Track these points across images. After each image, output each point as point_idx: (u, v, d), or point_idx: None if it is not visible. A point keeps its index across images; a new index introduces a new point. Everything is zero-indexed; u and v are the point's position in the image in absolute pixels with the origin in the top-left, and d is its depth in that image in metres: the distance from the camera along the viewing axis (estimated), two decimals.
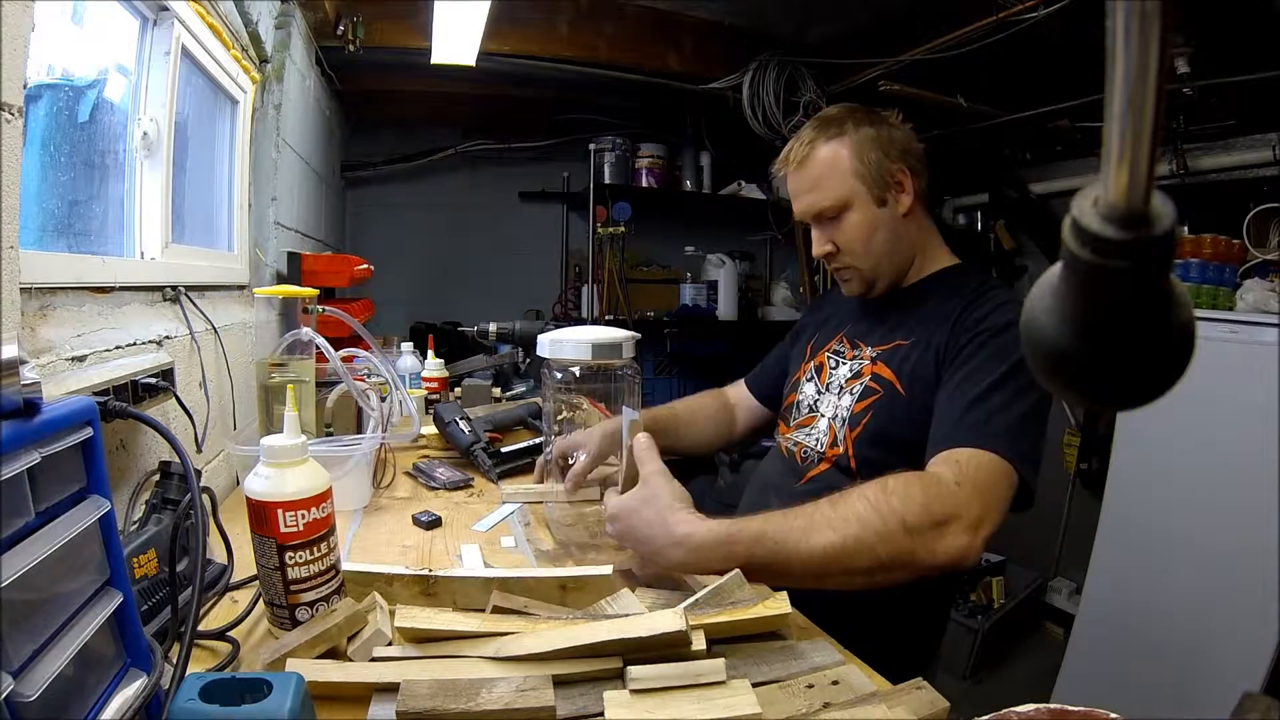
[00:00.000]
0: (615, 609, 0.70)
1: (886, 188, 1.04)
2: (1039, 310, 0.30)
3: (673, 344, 3.37)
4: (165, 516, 0.73)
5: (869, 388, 1.03)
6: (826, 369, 1.12)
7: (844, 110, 1.08)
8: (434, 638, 0.64)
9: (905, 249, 1.08)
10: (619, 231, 2.98)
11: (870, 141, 1.04)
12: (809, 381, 1.15)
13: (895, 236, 1.06)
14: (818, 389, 1.12)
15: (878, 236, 1.05)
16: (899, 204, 1.05)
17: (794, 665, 0.63)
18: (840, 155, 1.04)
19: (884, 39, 2.28)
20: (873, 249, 1.06)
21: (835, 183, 1.04)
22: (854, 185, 1.04)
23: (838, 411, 1.06)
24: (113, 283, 0.94)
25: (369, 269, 1.99)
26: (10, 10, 0.59)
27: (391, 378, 1.24)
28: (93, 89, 1.02)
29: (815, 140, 1.06)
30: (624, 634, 0.59)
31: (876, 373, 1.03)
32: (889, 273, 1.08)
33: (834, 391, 1.09)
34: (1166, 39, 0.22)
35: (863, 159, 1.03)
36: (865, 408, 1.02)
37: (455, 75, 2.32)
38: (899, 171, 1.05)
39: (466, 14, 1.83)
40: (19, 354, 0.41)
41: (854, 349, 1.10)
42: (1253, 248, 2.09)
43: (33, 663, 0.42)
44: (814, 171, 1.06)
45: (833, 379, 1.10)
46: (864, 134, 1.04)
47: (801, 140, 1.07)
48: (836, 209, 1.05)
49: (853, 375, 1.07)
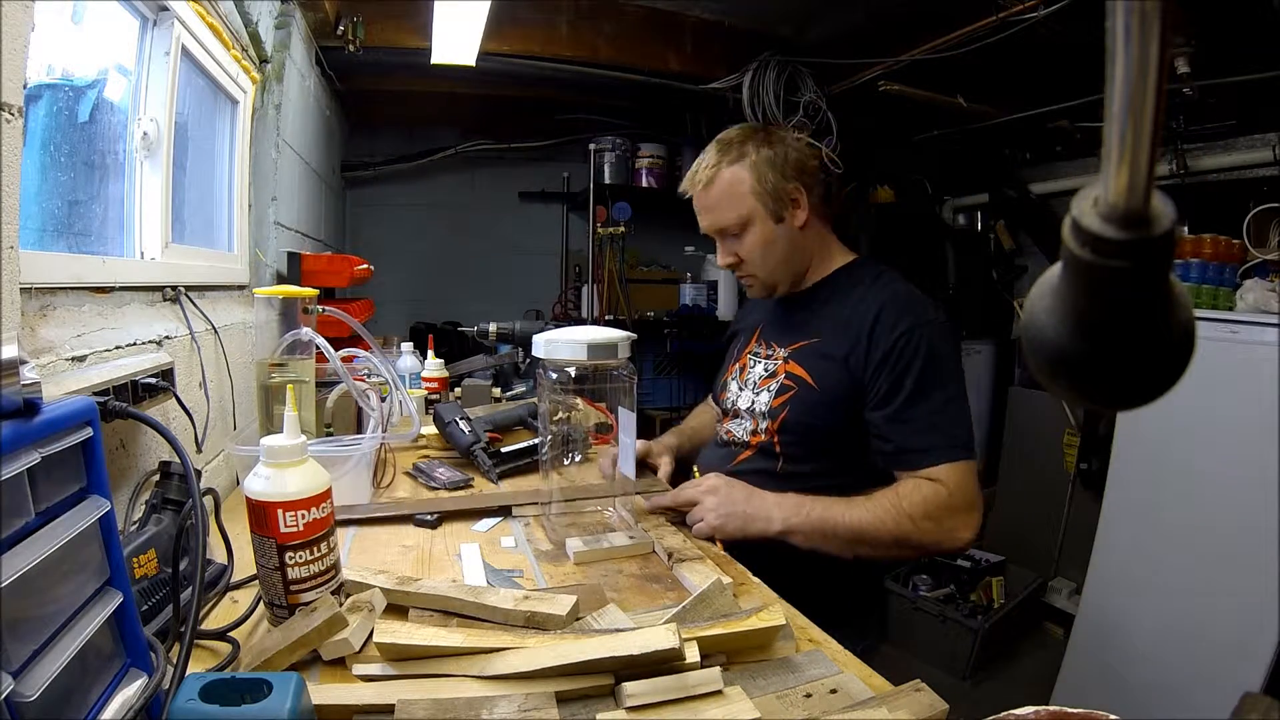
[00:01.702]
0: (602, 624, 0.69)
1: (783, 205, 1.16)
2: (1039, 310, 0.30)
3: (673, 344, 3.38)
4: (165, 516, 0.73)
5: (784, 385, 1.17)
6: (747, 368, 1.26)
7: (744, 133, 1.19)
8: (415, 655, 0.62)
9: (801, 257, 1.21)
10: (619, 231, 2.98)
11: (768, 164, 1.15)
12: (733, 380, 1.29)
13: (792, 247, 1.19)
14: (739, 386, 1.26)
15: (775, 249, 1.18)
16: (794, 218, 1.17)
17: (790, 678, 0.62)
18: (741, 178, 1.15)
19: (884, 39, 2.28)
20: (771, 260, 1.19)
21: (737, 202, 1.16)
22: (753, 205, 1.16)
23: (756, 405, 1.20)
24: (113, 283, 0.94)
25: (369, 269, 1.99)
26: (10, 10, 0.59)
27: (391, 378, 1.24)
28: (93, 89, 1.03)
29: (719, 164, 1.16)
30: (615, 651, 0.57)
31: (790, 370, 1.17)
32: (786, 278, 1.22)
33: (751, 388, 1.23)
34: (1166, 39, 0.22)
35: (761, 181, 1.15)
36: (783, 403, 1.16)
37: (455, 75, 2.33)
38: (794, 190, 1.16)
39: (466, 14, 1.83)
40: (19, 354, 0.41)
41: (769, 349, 1.24)
42: (1253, 248, 2.08)
43: (33, 663, 0.42)
44: (717, 192, 1.17)
45: (750, 376, 1.24)
46: (763, 156, 1.15)
47: (706, 163, 1.18)
48: (738, 226, 1.17)
49: (768, 374, 1.21)
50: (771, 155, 1.15)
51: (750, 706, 0.56)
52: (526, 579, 0.87)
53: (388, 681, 0.60)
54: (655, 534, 0.97)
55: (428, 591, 0.74)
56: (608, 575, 0.88)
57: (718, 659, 0.63)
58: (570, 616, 0.70)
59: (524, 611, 0.70)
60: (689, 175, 1.21)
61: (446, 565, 0.90)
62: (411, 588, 0.75)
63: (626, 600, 0.80)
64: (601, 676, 0.59)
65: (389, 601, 0.74)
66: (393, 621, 0.66)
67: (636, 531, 0.98)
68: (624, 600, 0.79)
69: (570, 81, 2.57)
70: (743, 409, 1.23)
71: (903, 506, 1.00)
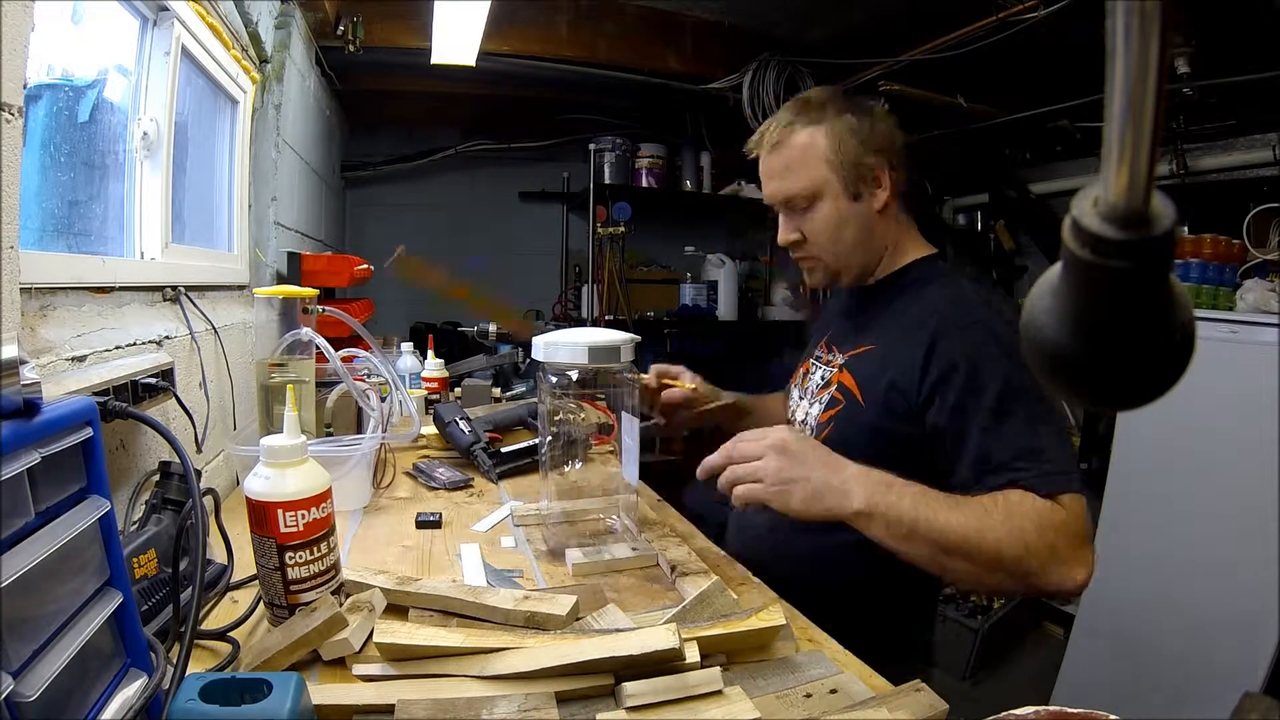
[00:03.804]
0: (601, 624, 0.68)
1: (862, 181, 1.00)
2: (1039, 310, 0.30)
3: (673, 344, 3.37)
4: (165, 516, 0.73)
5: (834, 398, 1.02)
6: (809, 374, 1.13)
7: (826, 94, 1.04)
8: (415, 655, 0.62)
9: (875, 245, 1.04)
10: (619, 231, 2.98)
11: (850, 131, 0.99)
12: (795, 387, 1.16)
13: (866, 232, 1.02)
14: (800, 394, 1.13)
15: (847, 230, 1.02)
16: (874, 199, 1.01)
17: (790, 678, 0.62)
18: (816, 142, 1.00)
19: (884, 39, 2.28)
20: (840, 243, 1.03)
21: (808, 170, 1.00)
22: (827, 175, 1.00)
23: (809, 418, 1.06)
24: (113, 283, 0.94)
25: (369, 269, 1.99)
26: (10, 10, 0.59)
27: (391, 378, 1.24)
28: (93, 89, 1.02)
29: (793, 124, 1.01)
30: (615, 652, 0.57)
31: (842, 381, 1.02)
32: (854, 268, 1.05)
33: (809, 399, 1.09)
34: (1166, 39, 0.22)
35: (839, 149, 0.99)
36: (829, 418, 1.01)
37: (455, 75, 2.32)
38: (877, 166, 1.00)
39: (466, 14, 1.83)
40: (19, 354, 0.41)
41: (830, 354, 1.09)
42: (1253, 248, 2.08)
43: (33, 663, 0.42)
44: (787, 156, 1.01)
45: (810, 383, 1.10)
46: (844, 122, 0.99)
47: (778, 122, 1.02)
48: (807, 198, 1.01)
49: (823, 384, 1.06)
50: (855, 123, 0.99)
51: (750, 706, 0.56)
52: (526, 579, 0.87)
53: (387, 681, 0.60)
54: (659, 545, 0.96)
55: (428, 592, 0.74)
56: (609, 575, 0.88)
57: (717, 659, 0.63)
58: (570, 617, 0.70)
59: (524, 612, 0.70)
60: (757, 134, 1.05)
61: (446, 565, 0.90)
62: (411, 588, 0.75)
63: (627, 601, 0.80)
64: (601, 677, 0.59)
65: (389, 601, 0.74)
66: (393, 621, 0.66)
67: (639, 542, 0.96)
68: (624, 601, 0.79)
69: (570, 81, 2.57)
70: (798, 421, 1.09)
71: (1015, 522, 0.78)
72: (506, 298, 3.33)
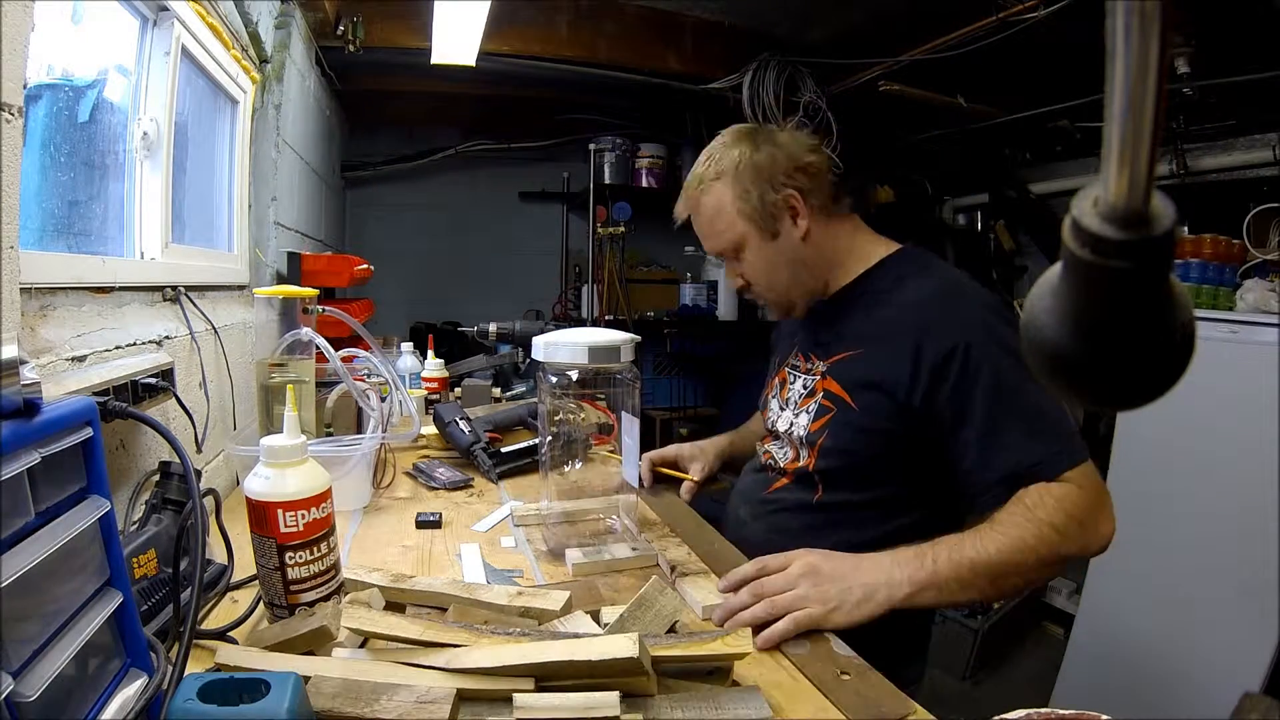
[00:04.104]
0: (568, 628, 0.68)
1: (776, 219, 1.02)
2: (1039, 310, 0.30)
3: (673, 344, 3.38)
4: (165, 516, 0.73)
5: (823, 406, 1.01)
6: (787, 385, 1.12)
7: (727, 140, 1.06)
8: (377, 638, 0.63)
9: (812, 269, 1.06)
10: (619, 231, 2.99)
11: (751, 175, 1.01)
12: (774, 398, 1.15)
13: (797, 263, 1.05)
14: (780, 405, 1.12)
15: (779, 271, 1.05)
16: (795, 229, 1.03)
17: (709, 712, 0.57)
18: (723, 199, 1.03)
19: (884, 39, 2.28)
20: (777, 281, 1.07)
21: (724, 228, 1.05)
22: (742, 226, 1.03)
23: (794, 429, 1.05)
24: (113, 283, 0.94)
25: (369, 269, 1.99)
26: (10, 10, 0.59)
27: (391, 378, 1.24)
28: (93, 89, 1.02)
29: (701, 185, 1.05)
30: (574, 655, 0.56)
31: (828, 389, 1.02)
32: (801, 295, 1.08)
33: (792, 409, 1.08)
34: (1166, 39, 0.22)
35: (744, 197, 1.02)
36: (821, 426, 1.00)
37: (455, 75, 2.33)
38: (787, 198, 1.01)
39: (466, 14, 1.83)
40: (19, 354, 0.41)
41: (808, 362, 1.09)
42: (1253, 248, 2.08)
43: (33, 663, 0.42)
44: (703, 219, 1.07)
45: (791, 394, 1.10)
46: (745, 167, 1.01)
47: (690, 183, 1.07)
48: (733, 250, 1.06)
49: (807, 393, 1.06)
50: (755, 164, 1.01)
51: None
52: (526, 579, 0.87)
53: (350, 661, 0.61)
54: (659, 545, 0.96)
55: (424, 589, 0.74)
56: (608, 575, 0.88)
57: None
58: (564, 611, 0.70)
59: (519, 606, 0.70)
60: (678, 204, 1.11)
61: (446, 565, 0.90)
62: (407, 584, 0.75)
63: (626, 601, 0.80)
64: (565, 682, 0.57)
65: (387, 600, 0.74)
66: (360, 607, 0.66)
67: (639, 542, 0.96)
68: (624, 600, 0.79)
69: (570, 81, 2.57)
70: (782, 431, 1.09)
71: (1039, 517, 0.82)
72: (506, 298, 3.33)
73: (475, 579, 0.86)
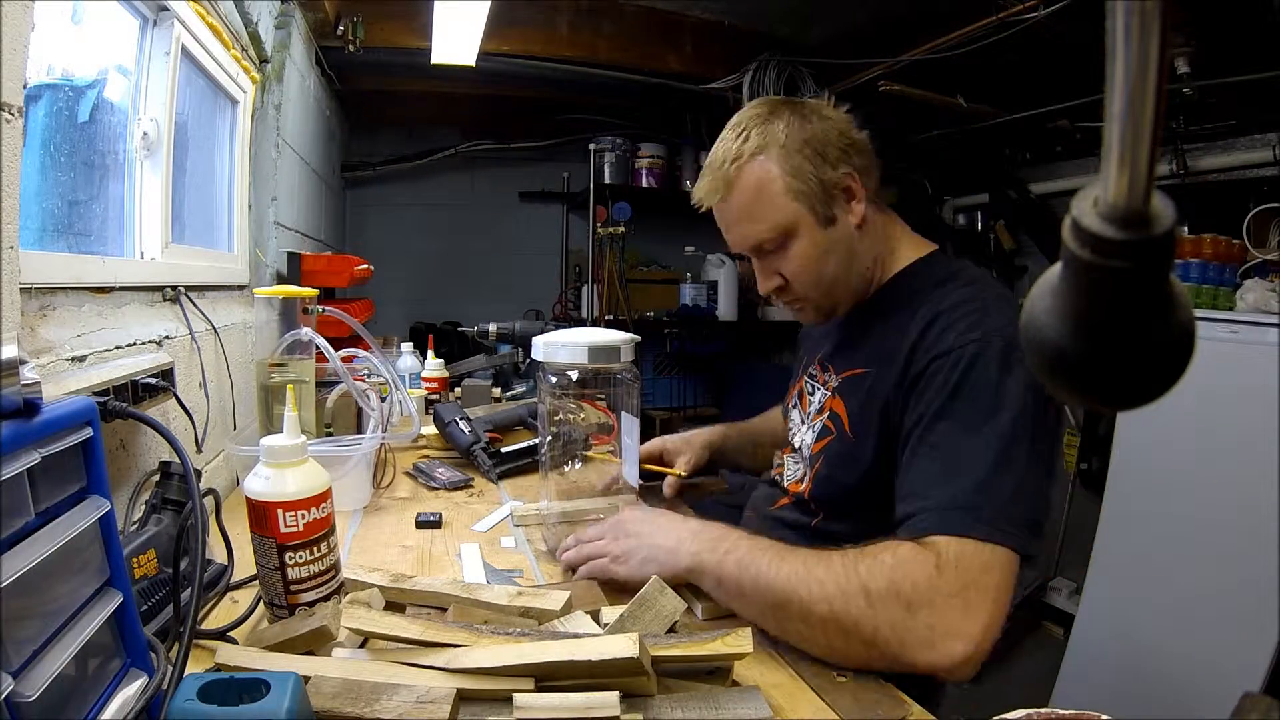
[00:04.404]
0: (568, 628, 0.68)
1: (833, 201, 0.87)
2: (1039, 310, 0.30)
3: (673, 344, 3.38)
4: (165, 516, 0.73)
5: (825, 427, 0.92)
6: (806, 396, 1.02)
7: (764, 109, 0.89)
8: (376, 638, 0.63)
9: (863, 265, 0.91)
10: (619, 231, 2.98)
11: (801, 149, 0.85)
12: (795, 409, 1.05)
13: (851, 255, 0.89)
14: (801, 417, 1.02)
15: (830, 261, 0.89)
16: (851, 214, 0.88)
17: (709, 712, 0.57)
18: (769, 176, 0.86)
19: (884, 39, 2.28)
20: (826, 277, 0.90)
21: (770, 210, 0.87)
22: (793, 209, 0.86)
23: (803, 448, 0.97)
24: (113, 283, 0.94)
25: (369, 269, 1.99)
26: (10, 10, 0.59)
27: (391, 378, 1.24)
28: (93, 89, 1.02)
29: (737, 161, 0.87)
30: (573, 655, 0.56)
31: (833, 408, 0.92)
32: (848, 297, 0.93)
33: (806, 424, 0.99)
34: (1166, 39, 0.22)
35: (798, 174, 0.85)
36: (819, 450, 0.92)
37: (455, 75, 2.33)
38: (845, 176, 0.87)
39: (466, 14, 1.83)
40: (19, 354, 0.41)
41: (825, 374, 0.97)
42: (1253, 248, 2.08)
43: (33, 663, 0.42)
44: (742, 199, 0.88)
45: (810, 407, 1.00)
46: (793, 140, 0.86)
47: (720, 158, 0.88)
48: (777, 240, 0.88)
49: (819, 409, 0.95)
50: (808, 136, 0.85)
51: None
52: (526, 579, 0.87)
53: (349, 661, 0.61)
54: None
55: (424, 589, 0.74)
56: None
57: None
58: (564, 611, 0.70)
59: (519, 606, 0.70)
60: (700, 181, 0.92)
61: (446, 565, 0.90)
62: (407, 584, 0.75)
63: (626, 600, 0.80)
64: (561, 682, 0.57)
65: (387, 600, 0.74)
66: (360, 608, 0.66)
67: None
68: (623, 601, 0.79)
69: (570, 81, 2.57)
70: (796, 446, 1.00)
71: (858, 570, 0.66)
72: (506, 298, 3.33)
73: (475, 579, 0.86)
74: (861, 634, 0.65)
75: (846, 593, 0.65)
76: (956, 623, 0.63)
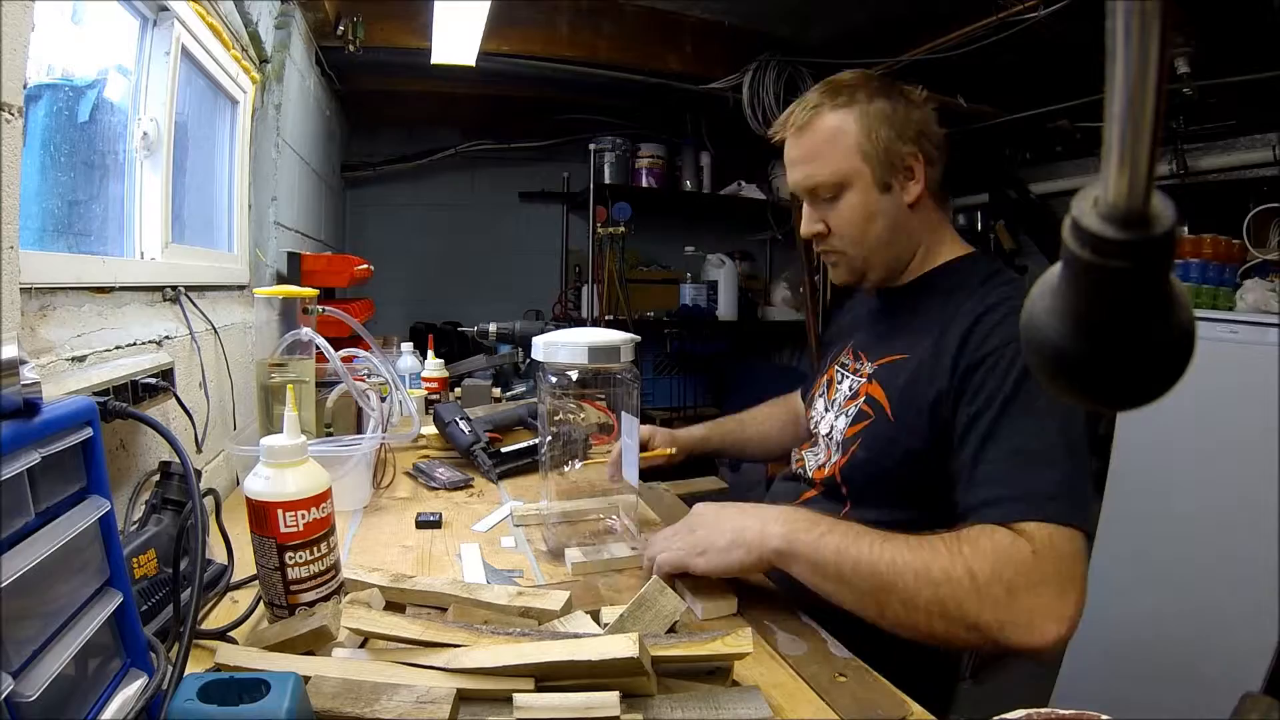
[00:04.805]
0: (568, 628, 0.68)
1: (894, 172, 0.93)
2: (1039, 310, 0.30)
3: (673, 344, 3.38)
4: (165, 516, 0.73)
5: (862, 411, 0.94)
6: (834, 384, 1.04)
7: (858, 77, 0.96)
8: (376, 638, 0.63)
9: (905, 242, 0.96)
10: (619, 231, 2.98)
11: (883, 117, 0.92)
12: (821, 397, 1.07)
13: (895, 227, 0.95)
14: (826, 405, 1.04)
15: (875, 224, 0.94)
16: (906, 192, 0.94)
17: (709, 712, 0.57)
18: (846, 127, 0.92)
19: (884, 39, 2.28)
20: (868, 237, 0.95)
21: (836, 157, 0.93)
22: (857, 163, 0.92)
23: (834, 432, 0.98)
24: (113, 283, 0.94)
25: (369, 269, 1.99)
26: (10, 10, 0.59)
27: (391, 378, 1.24)
28: (93, 89, 1.02)
29: (820, 106, 0.93)
30: (573, 655, 0.56)
31: (870, 393, 0.94)
32: (881, 266, 0.98)
33: (835, 410, 1.01)
34: (1166, 39, 0.22)
35: (871, 135, 0.91)
36: (856, 433, 0.93)
37: (455, 75, 2.32)
38: (910, 156, 0.93)
39: (466, 14, 1.83)
40: (19, 354, 0.41)
41: (857, 361, 1.01)
42: (1253, 248, 2.08)
43: (33, 663, 0.42)
44: (814, 140, 0.94)
45: (837, 394, 1.02)
46: (877, 107, 0.92)
47: (805, 104, 0.95)
48: (833, 186, 0.94)
49: (851, 395, 0.98)
50: (889, 108, 0.92)
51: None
52: (526, 579, 0.87)
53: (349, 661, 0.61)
54: None
55: (424, 589, 0.74)
56: (608, 575, 0.88)
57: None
58: (564, 611, 0.70)
59: (519, 606, 0.70)
60: (783, 115, 0.98)
61: (446, 565, 0.90)
62: (407, 584, 0.75)
63: (626, 600, 0.80)
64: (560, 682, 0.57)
65: (387, 600, 0.74)
66: (360, 608, 0.66)
67: (639, 542, 0.95)
68: (623, 600, 0.79)
69: (570, 81, 2.57)
70: (822, 434, 1.01)
71: (964, 553, 0.68)
72: (506, 298, 3.33)
73: (475, 579, 0.86)
74: (966, 618, 0.67)
75: (953, 578, 0.67)
76: (1054, 605, 0.66)
